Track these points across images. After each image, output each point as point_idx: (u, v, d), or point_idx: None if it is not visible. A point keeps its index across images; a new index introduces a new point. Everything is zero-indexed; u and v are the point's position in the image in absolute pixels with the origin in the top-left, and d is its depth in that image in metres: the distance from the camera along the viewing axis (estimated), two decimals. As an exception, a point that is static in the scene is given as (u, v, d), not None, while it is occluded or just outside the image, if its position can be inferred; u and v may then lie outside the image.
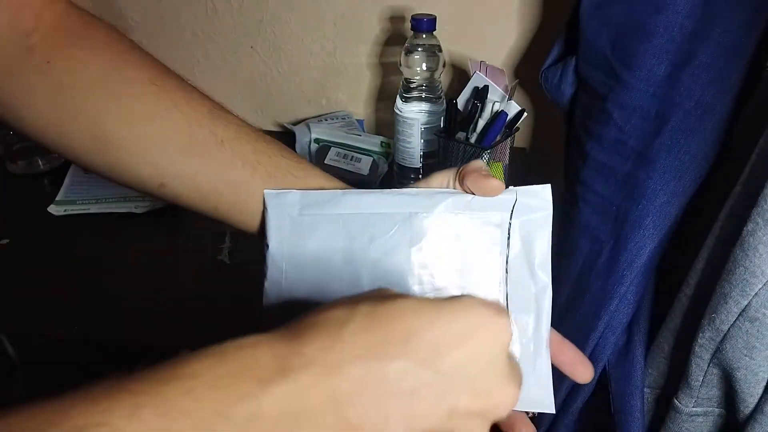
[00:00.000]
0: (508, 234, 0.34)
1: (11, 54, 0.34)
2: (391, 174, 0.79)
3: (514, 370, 0.25)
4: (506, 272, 0.34)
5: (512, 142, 0.71)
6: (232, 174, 0.37)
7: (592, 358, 0.56)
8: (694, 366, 0.45)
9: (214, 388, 0.20)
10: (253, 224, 0.38)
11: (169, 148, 0.36)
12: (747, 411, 0.43)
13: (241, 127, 0.38)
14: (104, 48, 0.36)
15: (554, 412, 0.32)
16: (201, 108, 0.37)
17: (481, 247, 0.34)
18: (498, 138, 0.67)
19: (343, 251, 0.35)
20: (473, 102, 0.67)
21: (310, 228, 0.35)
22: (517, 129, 0.69)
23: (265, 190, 0.36)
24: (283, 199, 0.36)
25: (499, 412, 0.24)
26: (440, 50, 0.69)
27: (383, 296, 0.24)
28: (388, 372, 0.21)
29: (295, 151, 0.40)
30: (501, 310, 0.24)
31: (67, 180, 0.78)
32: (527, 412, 0.47)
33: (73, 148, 0.37)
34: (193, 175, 0.37)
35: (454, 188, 0.35)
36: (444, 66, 0.70)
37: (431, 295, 0.34)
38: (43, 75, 0.34)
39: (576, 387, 0.58)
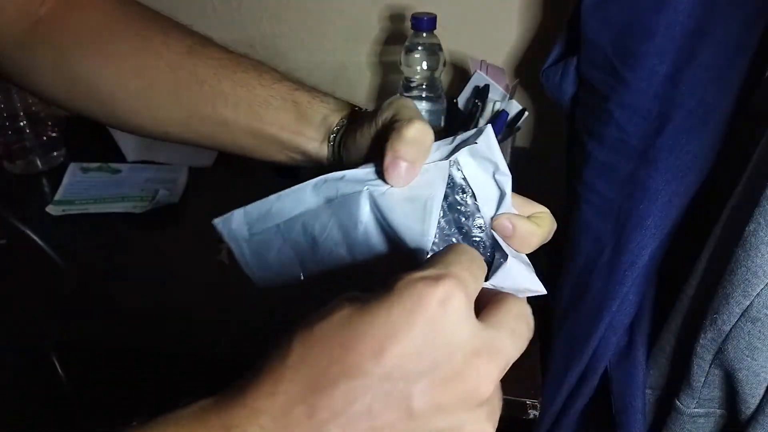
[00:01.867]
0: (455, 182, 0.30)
1: (22, 29, 0.36)
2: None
3: (485, 333, 0.21)
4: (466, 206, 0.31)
5: (513, 142, 0.71)
6: (219, 114, 0.37)
7: (594, 358, 0.56)
8: (695, 367, 0.45)
9: None
10: (260, 155, 0.39)
11: (159, 98, 0.37)
12: (748, 412, 0.43)
13: (221, 60, 0.37)
14: (95, 9, 0.38)
15: (545, 292, 0.29)
16: (180, 48, 0.37)
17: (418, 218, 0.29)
18: (499, 137, 0.66)
19: (297, 260, 0.33)
20: (474, 101, 0.67)
21: (263, 245, 0.34)
22: (518, 128, 0.69)
23: (213, 221, 0.34)
24: (230, 223, 0.34)
25: (482, 392, 0.20)
26: (441, 49, 0.69)
27: (316, 318, 0.21)
28: (334, 401, 0.19)
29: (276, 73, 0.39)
30: (443, 274, 0.21)
31: (65, 180, 0.77)
32: (527, 413, 0.47)
33: (84, 109, 0.39)
34: (186, 120, 0.37)
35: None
36: (444, 65, 0.70)
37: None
38: (47, 44, 0.37)
39: (577, 388, 0.58)
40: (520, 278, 0.28)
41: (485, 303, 0.24)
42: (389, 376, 0.19)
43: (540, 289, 0.29)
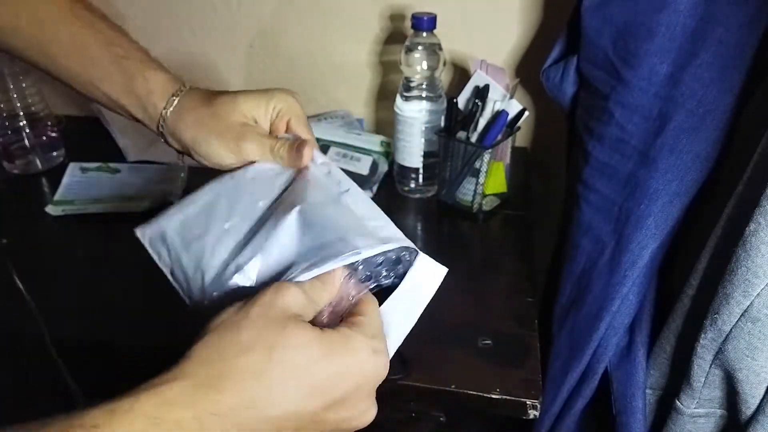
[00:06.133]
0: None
1: None
2: (391, 174, 0.79)
3: (328, 337, 0.29)
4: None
5: (513, 142, 0.70)
6: (53, 58, 0.42)
7: (594, 358, 0.56)
8: (695, 367, 0.45)
9: None
10: (99, 102, 0.44)
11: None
12: (749, 412, 0.43)
13: (62, 5, 0.41)
14: None
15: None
16: None
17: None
18: (499, 137, 0.66)
19: (225, 210, 0.39)
20: (474, 101, 0.67)
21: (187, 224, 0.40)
22: (518, 128, 0.69)
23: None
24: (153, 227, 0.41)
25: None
26: (441, 49, 0.69)
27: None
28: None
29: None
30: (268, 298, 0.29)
31: (65, 180, 0.77)
32: (528, 413, 0.47)
33: None
34: (26, 53, 0.42)
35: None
36: (444, 65, 0.70)
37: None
38: None
39: (578, 388, 0.58)
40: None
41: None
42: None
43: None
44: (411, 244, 0.35)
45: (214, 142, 0.41)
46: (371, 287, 0.34)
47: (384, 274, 0.35)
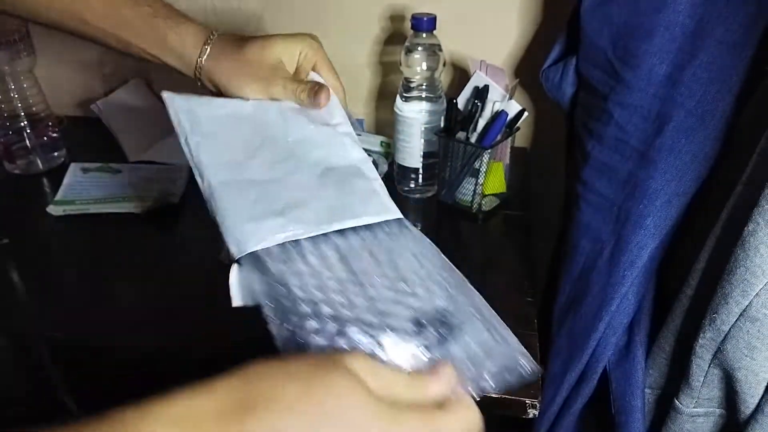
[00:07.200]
0: None
1: None
2: (391, 174, 0.79)
3: (386, 409, 0.26)
4: None
5: (513, 142, 0.71)
6: (86, 23, 0.47)
7: (593, 358, 0.56)
8: (694, 366, 0.45)
9: None
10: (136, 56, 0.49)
11: None
12: (748, 411, 0.43)
13: None
14: None
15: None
16: None
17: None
18: (498, 137, 0.66)
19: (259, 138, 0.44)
20: (473, 101, 0.67)
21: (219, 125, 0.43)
22: (518, 129, 0.69)
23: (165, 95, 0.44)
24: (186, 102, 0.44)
25: None
26: (440, 49, 0.69)
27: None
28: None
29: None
30: (338, 361, 0.27)
31: (66, 180, 0.77)
32: (527, 412, 0.47)
33: None
34: (59, 20, 0.47)
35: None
36: (444, 65, 0.70)
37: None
38: None
39: (577, 387, 0.58)
40: None
41: None
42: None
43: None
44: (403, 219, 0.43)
45: (247, 82, 0.47)
46: None
47: None
